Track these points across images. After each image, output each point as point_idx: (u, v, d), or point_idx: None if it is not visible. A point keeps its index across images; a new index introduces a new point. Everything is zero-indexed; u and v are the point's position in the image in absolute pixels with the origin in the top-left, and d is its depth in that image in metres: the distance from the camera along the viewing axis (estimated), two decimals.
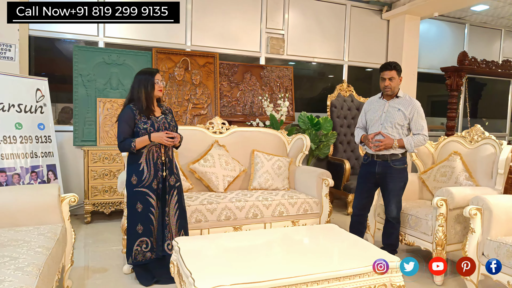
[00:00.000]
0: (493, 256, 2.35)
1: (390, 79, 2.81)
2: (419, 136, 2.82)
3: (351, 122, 5.33)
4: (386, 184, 2.87)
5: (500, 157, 2.89)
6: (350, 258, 2.05)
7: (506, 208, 2.45)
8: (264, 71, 5.15)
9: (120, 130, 2.53)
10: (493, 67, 5.82)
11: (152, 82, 2.53)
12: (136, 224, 2.54)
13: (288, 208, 3.31)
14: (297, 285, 1.79)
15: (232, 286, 1.67)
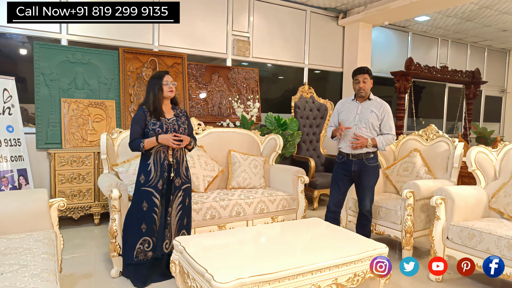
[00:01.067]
0: (455, 238, 2.71)
1: (364, 81, 3.07)
2: (389, 136, 3.11)
3: (312, 122, 5.63)
4: (361, 180, 3.13)
5: (455, 153, 3.30)
6: (347, 247, 2.25)
7: (465, 197, 2.83)
8: (231, 73, 5.25)
9: (131, 131, 2.59)
10: (434, 72, 6.49)
11: (160, 85, 2.57)
12: (141, 223, 2.57)
13: (268, 205, 3.46)
14: (306, 273, 1.95)
15: (251, 278, 1.79)
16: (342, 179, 3.19)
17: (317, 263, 2.00)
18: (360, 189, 3.17)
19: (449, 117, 8.10)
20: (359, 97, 3.17)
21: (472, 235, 2.60)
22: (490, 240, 2.50)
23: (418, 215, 3.14)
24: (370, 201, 3.18)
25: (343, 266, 2.10)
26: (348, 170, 3.14)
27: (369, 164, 3.09)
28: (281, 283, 1.89)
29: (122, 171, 3.21)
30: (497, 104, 9.12)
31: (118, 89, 4.45)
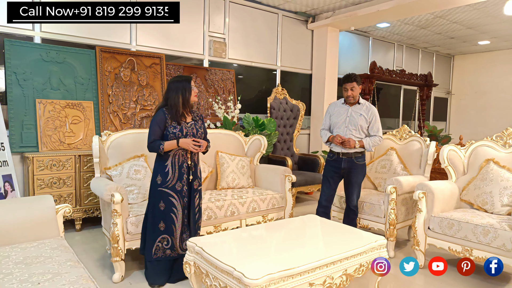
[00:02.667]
0: (436, 228, 3.01)
1: (352, 89, 3.29)
2: (376, 137, 3.36)
3: (286, 123, 5.82)
4: (350, 177, 3.36)
5: (429, 151, 3.64)
6: (352, 240, 2.43)
7: (443, 191, 3.15)
8: (209, 74, 5.28)
9: (151, 132, 2.59)
10: (394, 75, 6.98)
11: (190, 89, 2.61)
12: (159, 222, 2.60)
13: (259, 204, 3.58)
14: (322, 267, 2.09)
15: (279, 273, 1.90)
16: (333, 176, 3.40)
17: (330, 257, 2.15)
18: (349, 185, 3.39)
19: (405, 116, 8.72)
20: (348, 102, 3.38)
21: (452, 225, 2.91)
22: (467, 228, 2.82)
23: (399, 209, 3.43)
24: (357, 196, 3.42)
25: (352, 258, 2.27)
26: (338, 167, 3.35)
27: (358, 163, 3.33)
28: (302, 277, 2.02)
29: (115, 174, 3.15)
30: (443, 105, 9.97)
31: (95, 89, 4.31)
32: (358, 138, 3.28)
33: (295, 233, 2.65)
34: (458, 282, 2.89)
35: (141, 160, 3.35)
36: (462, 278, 2.95)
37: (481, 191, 3.14)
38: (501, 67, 8.95)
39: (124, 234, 2.76)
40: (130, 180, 3.18)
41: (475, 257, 2.79)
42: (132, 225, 2.79)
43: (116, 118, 4.39)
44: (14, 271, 1.69)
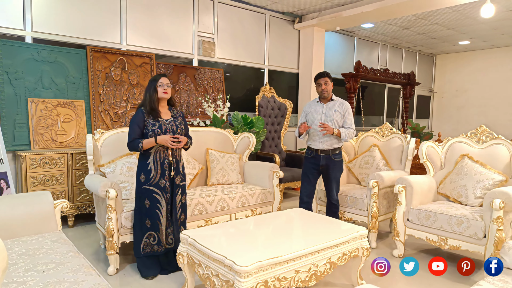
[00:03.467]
0: (415, 219, 3.20)
1: (325, 83, 3.46)
2: (350, 129, 3.52)
3: (274, 121, 5.97)
4: (329, 173, 3.52)
5: (409, 147, 3.84)
6: (335, 231, 2.60)
7: (421, 185, 3.35)
8: (198, 73, 5.39)
9: (130, 131, 2.67)
10: (378, 74, 7.19)
11: (155, 86, 2.69)
12: (145, 219, 2.70)
13: (248, 199, 3.72)
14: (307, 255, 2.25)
15: (267, 260, 2.05)
16: (312, 172, 3.56)
17: (315, 246, 2.31)
18: (328, 181, 3.55)
19: (389, 114, 8.97)
20: (322, 99, 3.54)
21: (428, 216, 3.11)
22: (443, 219, 3.02)
23: (381, 202, 3.61)
24: (337, 191, 3.59)
25: (335, 247, 2.44)
26: (317, 164, 3.51)
27: (335, 159, 3.50)
28: (289, 264, 2.17)
29: (109, 171, 3.26)
30: (426, 103, 10.26)
31: (87, 88, 4.38)
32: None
33: (282, 225, 2.81)
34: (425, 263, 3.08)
35: (134, 157, 3.45)
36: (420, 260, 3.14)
37: (457, 184, 3.35)
38: (480, 66, 9.27)
39: (119, 228, 2.87)
40: (123, 176, 3.29)
41: (449, 245, 2.99)
42: (126, 219, 2.90)
43: (107, 116, 4.48)
44: (19, 261, 1.80)
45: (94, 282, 1.61)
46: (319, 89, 3.50)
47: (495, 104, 8.94)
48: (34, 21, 4.10)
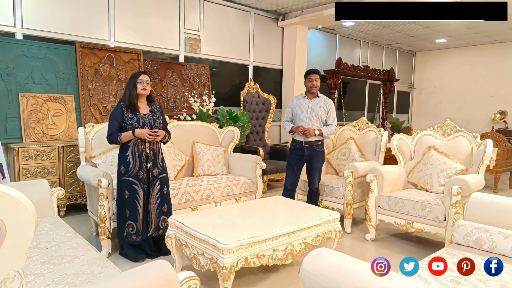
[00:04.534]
0: (385, 206, 3.49)
1: (316, 80, 3.71)
2: (332, 126, 3.80)
3: (258, 115, 6.20)
4: (312, 163, 3.79)
5: (382, 140, 4.13)
6: (310, 215, 2.85)
7: (391, 174, 3.64)
8: (184, 69, 5.58)
9: (109, 125, 2.83)
10: (358, 71, 7.48)
11: (135, 83, 2.86)
12: (124, 209, 2.88)
13: (233, 189, 3.96)
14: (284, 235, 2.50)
15: (247, 239, 2.29)
16: (297, 162, 3.82)
17: (291, 227, 2.57)
18: (311, 170, 3.82)
19: (370, 109, 9.30)
20: (309, 94, 3.79)
21: (397, 202, 3.40)
22: (409, 204, 3.31)
23: (355, 190, 3.89)
24: (318, 180, 3.86)
25: (309, 228, 2.69)
26: (301, 154, 3.77)
27: (318, 150, 3.76)
28: (267, 243, 2.42)
29: (100, 162, 3.45)
30: (406, 98, 10.64)
31: (76, 83, 4.53)
32: (318, 127, 3.70)
33: (263, 210, 3.05)
34: (402, 250, 3.38)
35: None
36: (405, 247, 3.45)
37: (423, 173, 3.65)
38: (456, 63, 9.68)
39: (110, 215, 3.07)
40: (114, 167, 3.47)
41: (415, 228, 3.29)
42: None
43: (97, 111, 4.64)
44: None
45: (93, 256, 1.82)
46: (310, 84, 3.74)
47: (470, 100, 9.36)
48: (24, 18, 4.23)
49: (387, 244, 3.55)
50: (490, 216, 2.30)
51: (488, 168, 5.95)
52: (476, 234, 2.24)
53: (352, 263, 1.26)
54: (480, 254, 2.16)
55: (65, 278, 1.58)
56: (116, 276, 1.21)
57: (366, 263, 1.26)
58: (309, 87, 3.74)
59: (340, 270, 1.23)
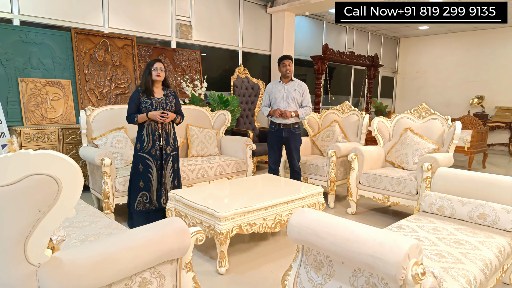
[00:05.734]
0: (365, 182, 3.83)
1: (289, 65, 3.97)
2: (306, 108, 4.06)
3: (248, 99, 6.46)
4: (290, 144, 4.06)
5: (363, 123, 4.45)
6: (296, 189, 3.17)
7: (371, 153, 3.97)
8: (176, 54, 5.77)
9: (128, 107, 3.16)
10: (344, 57, 7.76)
11: (150, 70, 3.13)
12: (139, 181, 3.16)
13: (225, 168, 4.25)
14: (272, 206, 2.81)
15: (241, 209, 2.59)
16: (277, 143, 4.09)
17: (279, 199, 2.88)
18: (290, 151, 4.09)
19: (355, 94, 9.63)
20: (284, 79, 4.03)
21: (375, 179, 3.74)
22: (386, 181, 3.66)
23: (338, 169, 4.23)
24: (298, 159, 4.15)
25: (296, 201, 3.01)
26: (280, 136, 4.04)
27: (296, 132, 4.04)
28: (258, 213, 2.73)
29: (101, 144, 3.68)
30: (390, 83, 11.00)
31: (72, 68, 4.70)
32: (294, 109, 3.96)
33: (254, 186, 3.35)
34: (380, 221, 3.74)
35: (122, 131, 3.89)
36: (382, 219, 3.81)
37: (400, 153, 3.99)
38: (438, 50, 10.03)
39: (113, 191, 3.33)
40: (114, 148, 3.72)
41: (391, 202, 3.65)
42: (119, 184, 3.36)
43: (93, 95, 4.82)
44: None
45: (108, 222, 2.10)
46: (284, 69, 3.99)
47: (450, 85, 9.76)
48: (21, 4, 4.35)
49: (367, 216, 3.91)
50: (451, 187, 2.65)
51: (463, 149, 6.38)
52: (439, 203, 2.58)
53: (327, 217, 1.56)
54: (442, 219, 2.50)
55: (88, 237, 1.85)
56: (138, 228, 1.49)
57: (338, 217, 1.57)
58: (284, 72, 3.98)
59: (317, 222, 1.53)
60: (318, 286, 1.61)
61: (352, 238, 1.40)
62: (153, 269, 1.47)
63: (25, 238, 1.14)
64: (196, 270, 2.48)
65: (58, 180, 1.15)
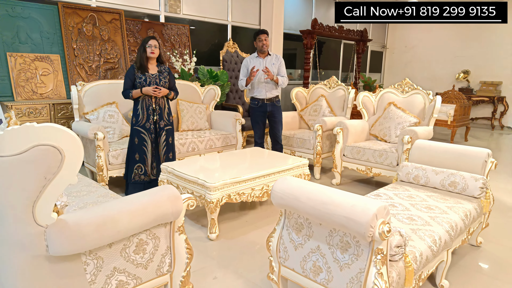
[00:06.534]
0: (349, 154, 4.01)
1: (265, 40, 4.03)
2: (284, 78, 4.13)
3: (237, 74, 6.50)
4: (275, 117, 4.17)
5: (349, 97, 4.58)
6: (283, 162, 3.33)
7: (355, 127, 4.13)
8: (165, 29, 5.75)
9: (124, 83, 3.26)
10: (333, 31, 7.79)
11: (144, 47, 3.20)
12: (134, 153, 3.30)
13: (215, 142, 4.38)
14: (260, 177, 2.97)
15: (230, 179, 2.75)
16: (261, 118, 4.19)
17: (267, 170, 3.04)
18: (274, 124, 4.21)
19: (344, 68, 9.70)
20: (261, 53, 4.10)
21: (359, 151, 3.92)
22: (369, 153, 3.84)
23: (324, 142, 4.39)
24: (281, 132, 4.28)
25: (282, 172, 3.17)
26: (264, 111, 4.15)
27: (278, 105, 4.17)
28: (246, 183, 2.89)
29: (93, 118, 3.76)
30: (379, 58, 11.07)
31: (61, 43, 4.69)
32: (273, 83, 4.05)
33: (242, 158, 3.50)
34: (362, 191, 3.95)
35: (113, 106, 3.96)
36: (365, 189, 4.02)
37: (383, 126, 4.16)
38: (426, 24, 10.07)
39: (107, 164, 3.45)
40: (106, 123, 3.81)
41: (373, 173, 3.84)
42: (113, 157, 3.48)
43: (82, 70, 4.84)
44: None
45: (105, 191, 2.23)
46: (260, 44, 4.05)
47: (437, 60, 9.88)
48: None
49: (350, 187, 4.11)
50: (427, 158, 2.83)
51: (446, 123, 6.59)
52: (415, 172, 2.77)
53: (307, 184, 1.72)
54: (417, 187, 2.70)
55: (87, 205, 1.99)
56: (135, 194, 1.63)
57: (317, 183, 1.73)
58: (260, 46, 4.05)
59: (299, 188, 1.69)
60: (298, 246, 1.79)
61: (329, 201, 1.56)
62: (149, 231, 1.62)
63: (33, 202, 1.27)
64: (188, 237, 2.65)
65: (61, 150, 1.27)
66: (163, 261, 1.70)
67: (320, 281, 1.71)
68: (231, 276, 2.28)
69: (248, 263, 2.44)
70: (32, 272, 1.32)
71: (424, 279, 1.90)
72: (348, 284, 1.59)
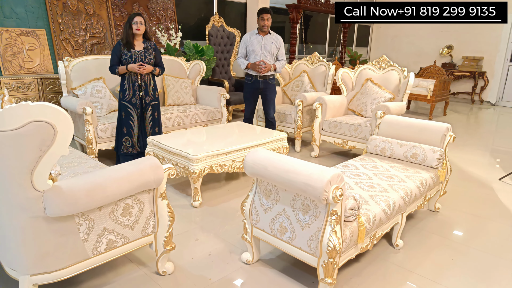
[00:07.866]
0: (327, 128, 4.24)
1: (268, 20, 4.14)
2: (282, 61, 4.32)
3: (224, 49, 6.59)
4: (266, 95, 4.36)
5: (329, 73, 4.76)
6: (264, 136, 3.54)
7: (334, 102, 4.33)
8: (150, 3, 5.77)
9: (111, 58, 3.39)
10: (319, 5, 7.83)
11: (130, 24, 3.30)
12: (122, 127, 3.47)
13: (200, 116, 4.55)
14: (241, 150, 3.19)
15: (212, 152, 2.96)
16: (253, 95, 4.36)
17: (246, 143, 3.25)
18: (266, 102, 4.40)
19: (331, 42, 9.79)
20: (261, 32, 4.23)
21: (336, 125, 4.15)
22: (345, 127, 4.07)
23: (304, 117, 4.60)
24: (273, 110, 4.48)
25: (261, 145, 3.39)
26: (256, 88, 4.32)
27: (271, 83, 4.33)
28: (227, 156, 3.10)
29: (81, 93, 3.89)
30: (366, 32, 11.14)
31: (46, 17, 4.72)
32: (271, 62, 4.22)
33: (225, 132, 3.70)
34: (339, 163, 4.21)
35: (101, 81, 4.09)
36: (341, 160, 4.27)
37: (360, 101, 4.37)
38: None
39: (96, 138, 3.62)
40: (94, 98, 3.95)
41: (349, 146, 4.09)
42: (101, 131, 3.65)
43: (69, 45, 4.90)
44: None
45: (94, 163, 2.43)
46: (262, 23, 4.15)
47: (422, 34, 10.00)
48: None
49: (328, 159, 4.37)
50: (394, 131, 3.07)
51: (426, 98, 6.84)
52: (382, 145, 3.01)
53: (274, 154, 1.94)
54: (382, 159, 2.95)
55: (77, 175, 2.19)
56: (121, 164, 1.83)
57: (282, 155, 1.95)
58: (261, 26, 4.16)
59: (267, 158, 1.91)
60: (268, 209, 2.03)
61: (291, 170, 1.79)
62: (134, 197, 1.84)
63: (31, 170, 1.46)
64: (173, 204, 2.90)
65: (53, 125, 1.46)
66: (147, 223, 1.93)
67: (286, 239, 1.96)
68: (212, 238, 2.53)
69: (229, 227, 2.69)
70: (32, 230, 1.54)
71: (378, 238, 2.17)
72: (308, 241, 1.85)
